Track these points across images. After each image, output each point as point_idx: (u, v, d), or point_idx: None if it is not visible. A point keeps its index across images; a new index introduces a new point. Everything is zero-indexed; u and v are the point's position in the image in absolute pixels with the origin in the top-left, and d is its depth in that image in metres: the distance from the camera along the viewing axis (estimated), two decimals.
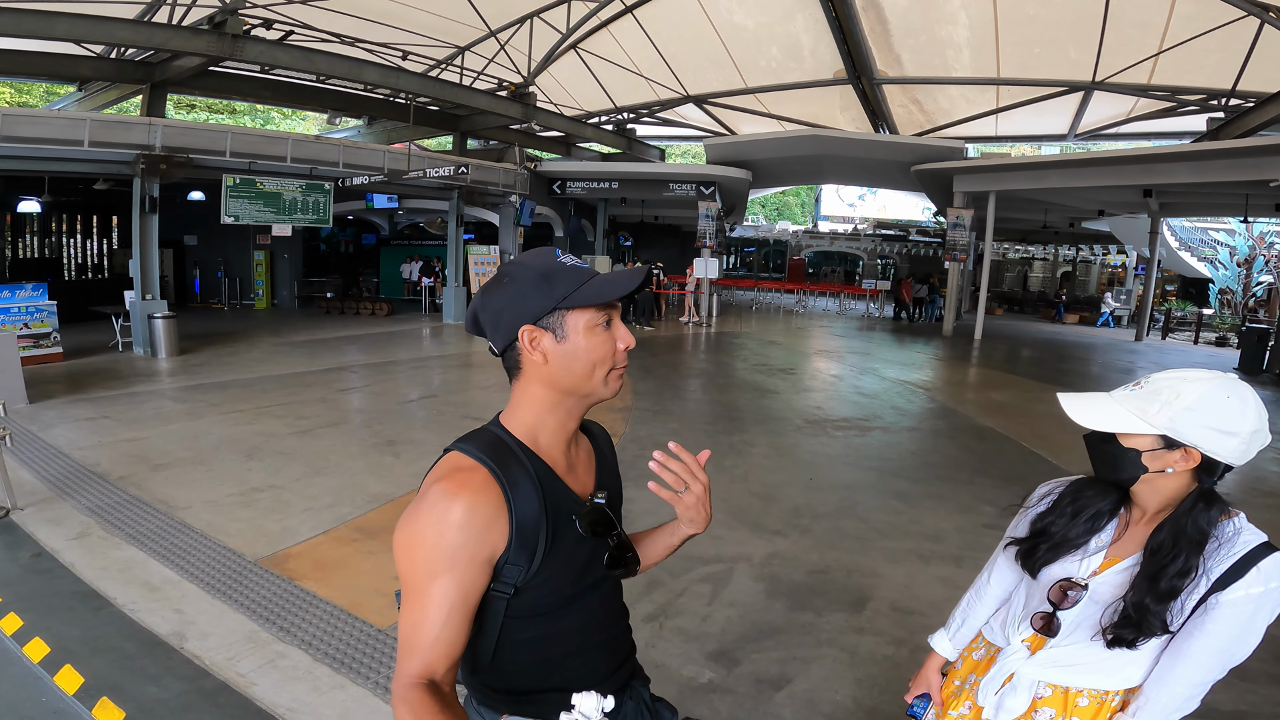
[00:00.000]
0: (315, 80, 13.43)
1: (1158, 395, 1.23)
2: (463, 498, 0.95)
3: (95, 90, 11.96)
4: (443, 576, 0.94)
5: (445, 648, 0.94)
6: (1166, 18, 11.89)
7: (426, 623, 0.94)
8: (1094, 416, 1.27)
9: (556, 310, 1.04)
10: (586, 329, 1.05)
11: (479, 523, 0.95)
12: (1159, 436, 1.22)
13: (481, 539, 0.96)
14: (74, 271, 15.34)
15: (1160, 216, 17.15)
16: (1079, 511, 1.41)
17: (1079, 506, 1.41)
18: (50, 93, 20.87)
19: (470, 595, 0.96)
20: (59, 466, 5.10)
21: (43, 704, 2.47)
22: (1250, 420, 1.19)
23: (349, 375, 9.14)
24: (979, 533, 4.61)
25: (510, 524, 0.98)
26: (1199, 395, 1.19)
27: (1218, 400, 1.18)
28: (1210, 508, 1.24)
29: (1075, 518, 1.41)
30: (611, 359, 1.07)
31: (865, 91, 17.01)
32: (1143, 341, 17.59)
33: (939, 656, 1.68)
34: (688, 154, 34.75)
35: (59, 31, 8.41)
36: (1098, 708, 1.38)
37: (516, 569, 1.00)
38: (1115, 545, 1.37)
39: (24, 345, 8.57)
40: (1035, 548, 1.43)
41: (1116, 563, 1.34)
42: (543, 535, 1.00)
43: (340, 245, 23.44)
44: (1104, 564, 1.36)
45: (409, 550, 0.96)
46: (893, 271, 30.19)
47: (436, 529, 0.94)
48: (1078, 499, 1.43)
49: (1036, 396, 9.53)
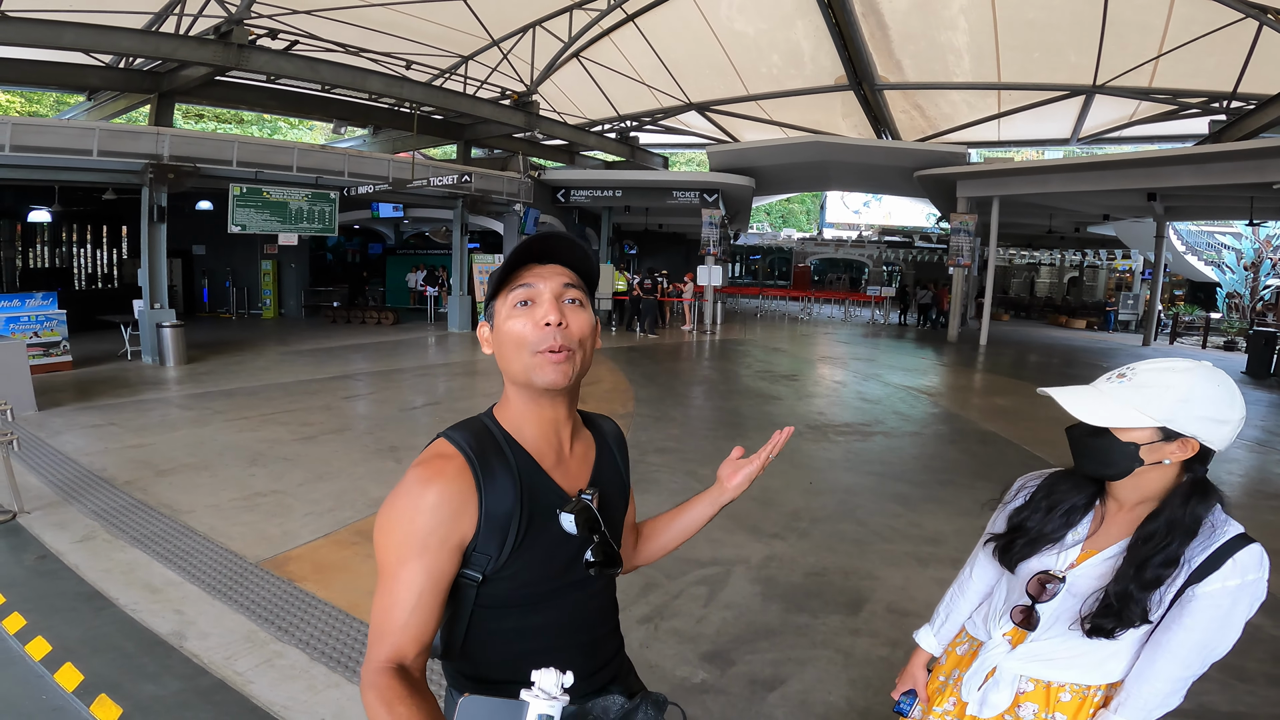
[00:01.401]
0: (320, 90, 13.57)
1: (1147, 387, 1.23)
2: (436, 483, 0.97)
3: (104, 100, 12.12)
4: (412, 561, 0.95)
5: (415, 632, 0.95)
6: (1165, 21, 11.90)
7: (397, 607, 0.95)
8: (1096, 411, 1.26)
9: (493, 299, 1.07)
10: (506, 311, 1.04)
11: (449, 508, 0.96)
12: (1158, 429, 1.21)
13: (451, 524, 0.97)
14: (84, 281, 15.49)
15: (1165, 220, 17.09)
16: (1054, 506, 1.41)
17: (1054, 501, 1.42)
18: (60, 102, 21.13)
19: (440, 580, 0.97)
20: (66, 472, 5.16)
21: (43, 701, 2.51)
22: (1238, 408, 1.22)
23: (353, 383, 9.20)
24: (978, 536, 4.57)
25: (480, 511, 0.99)
26: (1189, 385, 1.20)
27: (1209, 389, 1.20)
28: (1207, 496, 1.25)
29: (1050, 512, 1.41)
30: (530, 339, 1.01)
31: (867, 97, 17.06)
32: (1150, 346, 17.51)
33: (924, 652, 1.69)
34: (691, 161, 34.86)
35: (66, 41, 8.52)
36: (1080, 703, 1.38)
37: (485, 557, 1.00)
38: (1091, 538, 1.37)
39: (34, 354, 8.67)
40: (1012, 543, 1.44)
41: (1093, 555, 1.35)
42: (514, 526, 1.00)
43: (347, 255, 23.63)
44: (1081, 556, 1.36)
45: (384, 533, 0.98)
46: (899, 278, 30.15)
47: (409, 513, 0.96)
48: (1052, 493, 1.43)
49: (1040, 401, 9.48)
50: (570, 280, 1.06)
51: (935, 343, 16.43)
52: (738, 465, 1.34)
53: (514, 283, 1.04)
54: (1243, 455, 6.93)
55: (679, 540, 1.38)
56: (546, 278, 1.04)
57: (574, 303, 1.05)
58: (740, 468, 1.33)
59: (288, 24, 11.73)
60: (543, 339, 1.01)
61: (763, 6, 14.74)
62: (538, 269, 1.05)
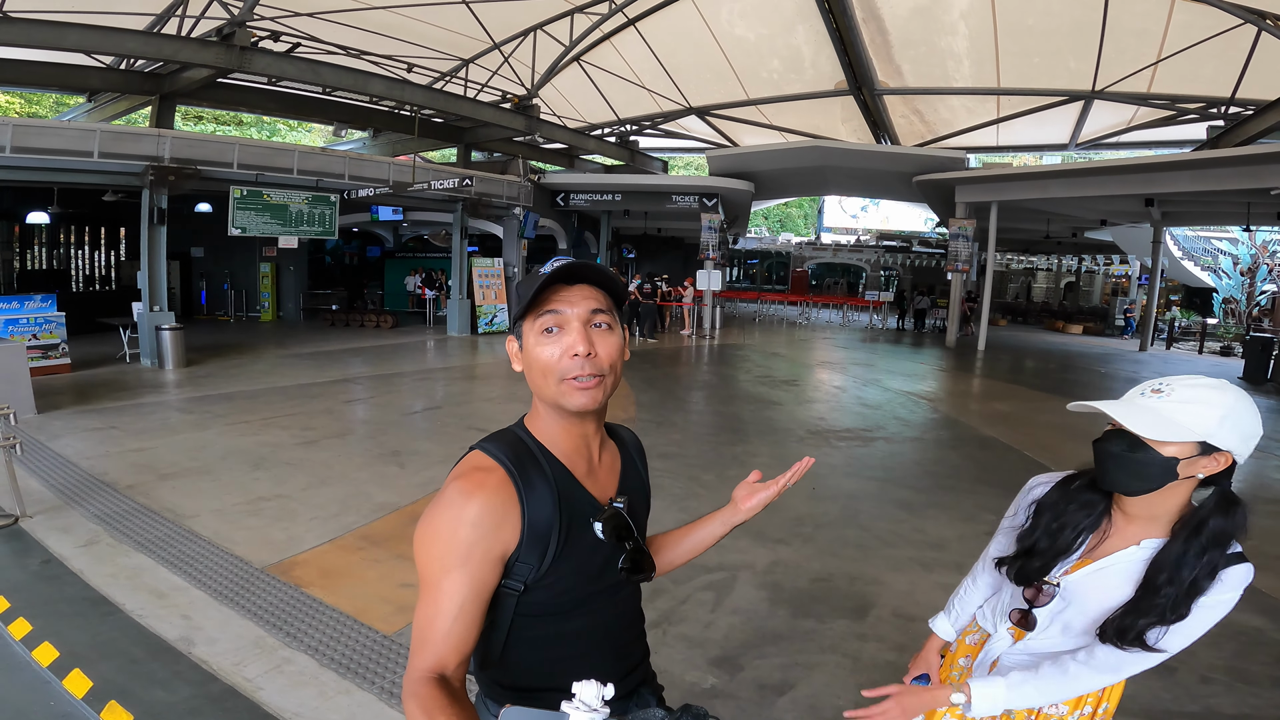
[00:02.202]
0: (321, 92, 13.59)
1: (1191, 403, 1.24)
2: (478, 496, 0.98)
3: (105, 101, 12.11)
4: (455, 571, 0.96)
5: (456, 642, 0.96)
6: (1164, 26, 11.97)
7: (439, 617, 0.96)
8: (1155, 427, 1.24)
9: (521, 320, 1.08)
10: (534, 336, 1.05)
11: (492, 520, 0.98)
12: (1198, 443, 1.23)
13: (494, 536, 0.98)
14: (82, 283, 15.44)
15: (1163, 226, 17.17)
16: (1064, 528, 1.42)
17: (1063, 524, 1.43)
18: (60, 103, 21.11)
19: (482, 591, 0.99)
20: (67, 475, 5.14)
21: (51, 708, 2.50)
22: (1260, 425, 1.27)
23: (354, 387, 9.19)
24: (981, 540, 4.55)
25: (523, 523, 1.00)
26: (1229, 403, 1.23)
27: (1243, 407, 1.24)
28: (1235, 508, 1.27)
29: (1059, 534, 1.42)
30: (558, 367, 1.03)
31: (866, 102, 17.11)
32: (1147, 351, 17.57)
33: (939, 638, 1.77)
34: (691, 165, 34.93)
35: (70, 42, 8.50)
36: (1075, 702, 1.48)
37: (527, 567, 1.01)
38: (1091, 550, 1.41)
39: (33, 356, 8.63)
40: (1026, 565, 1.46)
41: (1088, 564, 1.39)
42: (554, 536, 1.02)
43: (345, 258, 23.60)
44: (1076, 565, 1.41)
45: (426, 545, 0.99)
46: (896, 283, 30.21)
47: (451, 525, 0.97)
48: (1061, 515, 1.44)
49: (1040, 406, 9.53)
50: (598, 304, 1.06)
51: (933, 348, 16.47)
52: (754, 489, 1.38)
53: (542, 306, 1.05)
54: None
55: (689, 556, 1.42)
56: (574, 303, 1.04)
57: (602, 326, 1.06)
58: (756, 491, 1.37)
59: (290, 26, 11.74)
60: (571, 368, 1.03)
61: (763, 11, 14.78)
62: (565, 291, 1.05)
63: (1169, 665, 3.11)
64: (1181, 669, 3.12)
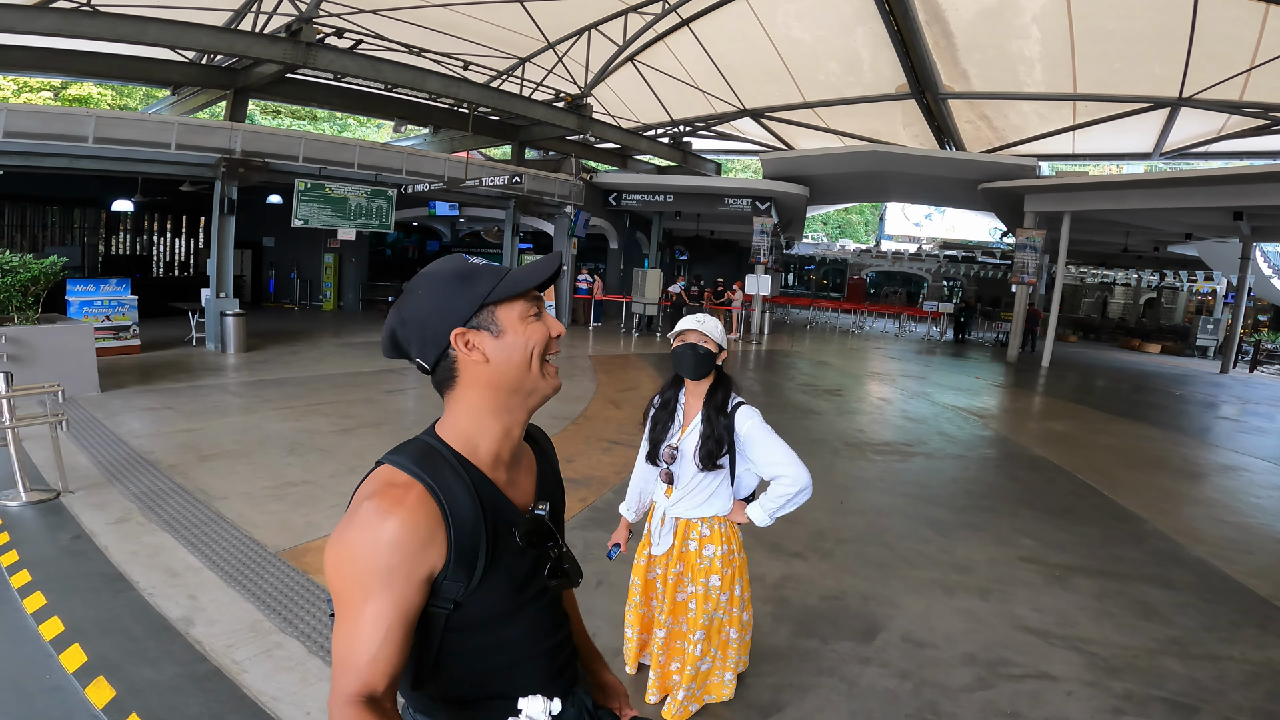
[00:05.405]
0: (383, 89, 13.97)
1: (715, 325, 2.51)
2: (397, 515, 0.91)
3: (185, 95, 12.75)
4: (378, 596, 0.90)
5: (384, 665, 0.91)
6: (1259, 33, 11.16)
7: (362, 643, 0.90)
8: (708, 336, 2.45)
9: (485, 307, 1.02)
10: (521, 320, 1.04)
11: (415, 541, 0.91)
12: (718, 345, 2.45)
13: (418, 557, 0.92)
14: (162, 269, 16.34)
15: (1252, 241, 16.03)
16: (671, 416, 2.51)
17: (670, 413, 2.52)
18: (149, 95, 22.34)
19: (408, 614, 0.93)
20: (115, 453, 5.40)
21: (45, 681, 2.59)
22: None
23: (397, 377, 9.40)
24: (1012, 565, 4.36)
25: (449, 542, 0.94)
26: (720, 323, 2.56)
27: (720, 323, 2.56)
28: (728, 380, 2.49)
29: (669, 420, 2.51)
30: (542, 349, 1.06)
31: (929, 107, 16.55)
32: (1228, 374, 16.45)
33: (626, 519, 2.70)
34: (746, 169, 34.54)
35: (150, 36, 8.95)
36: (713, 530, 2.50)
37: (456, 585, 0.96)
38: (683, 422, 2.50)
39: (104, 336, 9.18)
40: (655, 449, 2.53)
41: (686, 429, 2.48)
42: (482, 550, 0.97)
43: (405, 250, 24.28)
44: (681, 431, 2.48)
45: (341, 569, 0.92)
46: (960, 294, 29.16)
47: (369, 548, 0.90)
48: (663, 408, 2.55)
49: (1101, 428, 9.02)
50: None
51: (993, 362, 15.81)
52: None
53: (525, 296, 1.06)
54: None
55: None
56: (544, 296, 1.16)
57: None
58: None
59: (354, 23, 12.13)
60: (550, 349, 1.08)
61: (821, 13, 14.45)
62: None
63: (1192, 705, 2.87)
64: (1205, 709, 2.87)
